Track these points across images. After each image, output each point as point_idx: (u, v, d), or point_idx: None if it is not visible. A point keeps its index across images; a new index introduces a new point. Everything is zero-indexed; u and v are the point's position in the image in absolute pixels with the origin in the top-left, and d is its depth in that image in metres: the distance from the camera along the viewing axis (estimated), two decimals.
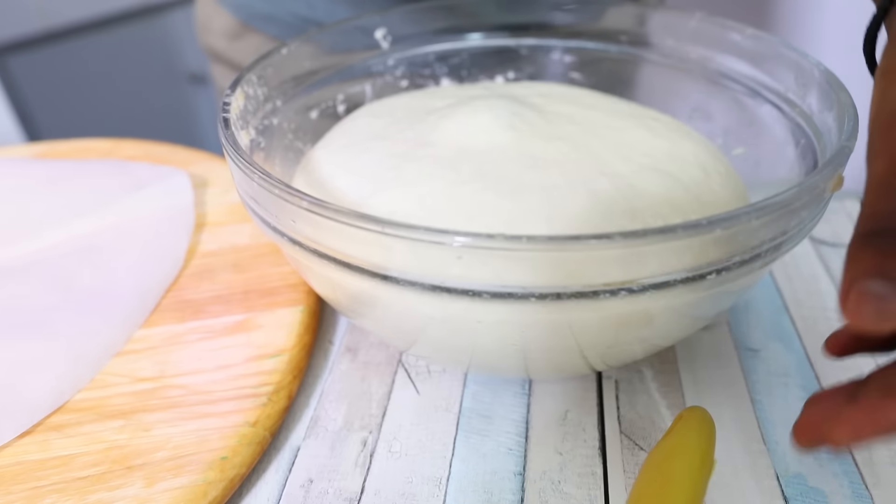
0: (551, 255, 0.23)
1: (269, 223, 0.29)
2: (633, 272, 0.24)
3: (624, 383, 0.36)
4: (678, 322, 0.29)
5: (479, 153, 0.34)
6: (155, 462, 0.30)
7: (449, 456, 0.32)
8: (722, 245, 0.25)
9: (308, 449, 0.33)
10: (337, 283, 0.30)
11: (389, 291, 0.27)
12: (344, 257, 0.27)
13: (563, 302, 0.25)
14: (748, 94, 0.41)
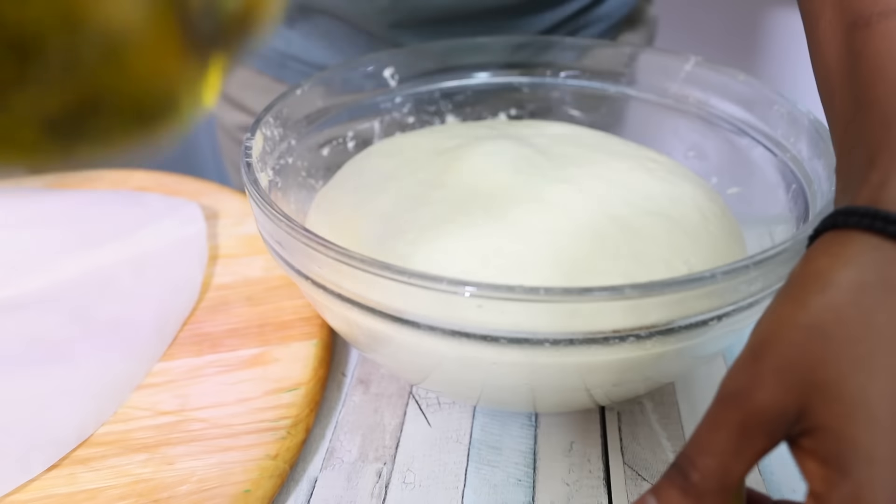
0: (566, 307, 0.25)
1: (293, 266, 0.31)
2: (640, 320, 0.26)
3: (626, 415, 0.37)
4: (681, 362, 0.31)
5: (490, 196, 0.36)
6: (180, 496, 0.31)
7: (461, 487, 0.34)
8: (724, 294, 0.26)
9: (325, 480, 0.34)
10: (355, 323, 0.31)
11: (407, 333, 0.28)
12: (365, 301, 0.28)
13: (574, 347, 0.26)
14: (741, 135, 0.43)
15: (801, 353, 0.20)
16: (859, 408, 0.19)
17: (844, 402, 0.19)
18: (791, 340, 0.20)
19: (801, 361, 0.20)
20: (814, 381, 0.20)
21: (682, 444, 0.35)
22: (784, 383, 0.20)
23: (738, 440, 0.20)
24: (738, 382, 0.21)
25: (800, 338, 0.20)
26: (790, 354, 0.20)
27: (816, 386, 0.19)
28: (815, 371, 0.20)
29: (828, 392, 0.19)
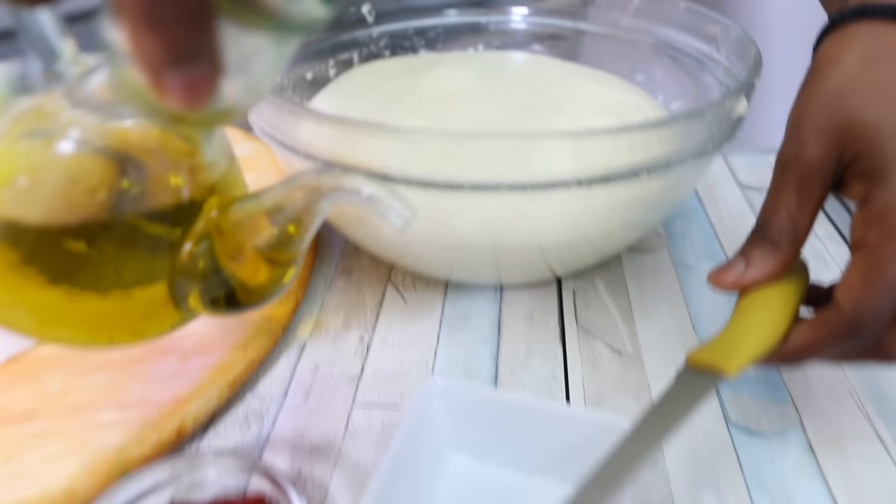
0: (518, 150, 0.30)
1: (285, 143, 0.35)
2: (582, 167, 0.31)
3: (580, 291, 0.42)
4: (622, 222, 0.36)
5: (457, 97, 0.41)
6: (186, 347, 0.35)
7: (434, 346, 0.38)
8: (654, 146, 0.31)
9: (313, 344, 0.39)
10: None
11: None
12: (354, 163, 0.33)
13: (527, 192, 0.31)
14: (686, 57, 0.48)
15: (830, 113, 0.26)
16: (882, 130, 0.24)
17: (871, 130, 0.25)
18: (820, 107, 0.26)
19: (831, 119, 0.26)
20: (844, 128, 0.25)
21: (629, 313, 0.40)
22: (823, 139, 0.26)
23: (799, 194, 0.26)
24: (787, 152, 0.27)
25: (826, 103, 0.26)
26: (822, 118, 0.26)
27: (847, 131, 0.25)
28: (843, 121, 0.25)
29: (857, 131, 0.25)
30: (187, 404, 0.32)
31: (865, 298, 0.25)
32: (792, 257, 0.28)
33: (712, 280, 0.29)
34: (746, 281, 0.28)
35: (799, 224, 0.27)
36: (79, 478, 0.29)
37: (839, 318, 0.26)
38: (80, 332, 0.26)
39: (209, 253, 0.25)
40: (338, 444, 0.33)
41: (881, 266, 0.24)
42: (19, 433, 0.31)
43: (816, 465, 0.32)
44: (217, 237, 0.25)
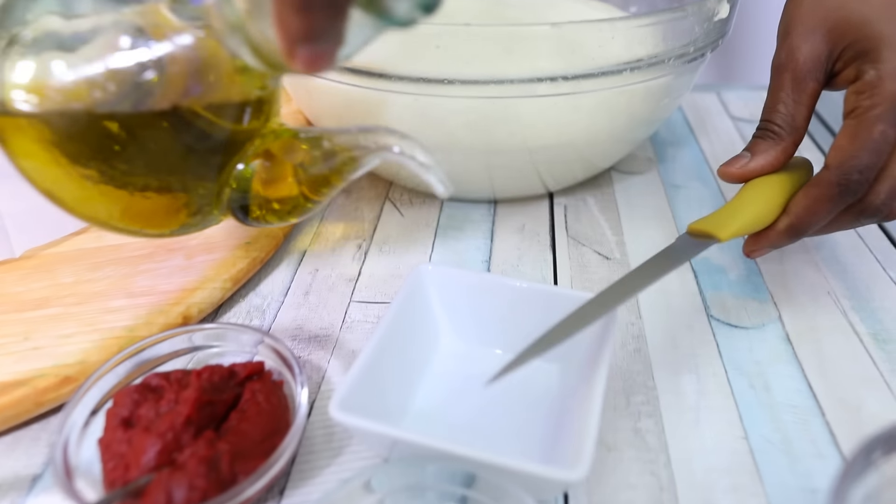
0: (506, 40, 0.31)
1: None
2: (566, 64, 0.32)
3: (571, 207, 0.44)
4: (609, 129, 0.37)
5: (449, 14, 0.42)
6: (191, 246, 0.37)
7: (429, 252, 0.40)
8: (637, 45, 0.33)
9: (313, 252, 0.40)
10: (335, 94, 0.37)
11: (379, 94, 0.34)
12: (347, 63, 0.34)
13: (514, 86, 0.33)
14: None
15: (816, 14, 0.29)
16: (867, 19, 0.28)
17: (857, 22, 0.28)
18: (806, 12, 0.30)
19: (818, 19, 0.29)
20: (831, 25, 0.29)
21: (619, 226, 0.42)
22: (812, 38, 0.29)
23: (794, 90, 0.30)
24: (780, 57, 0.30)
25: (811, 7, 0.29)
26: (809, 20, 0.29)
27: (834, 27, 0.29)
28: (830, 19, 0.29)
29: (844, 25, 0.28)
30: (192, 294, 0.34)
31: (851, 155, 0.28)
32: (791, 147, 0.31)
33: (721, 173, 0.32)
34: (751, 168, 0.31)
35: (796, 116, 0.30)
36: (91, 352, 0.30)
37: (828, 175, 0.28)
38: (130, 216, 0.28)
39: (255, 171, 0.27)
40: (335, 335, 0.34)
41: (868, 126, 0.27)
42: (35, 316, 0.32)
43: (793, 352, 0.33)
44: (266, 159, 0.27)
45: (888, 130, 0.27)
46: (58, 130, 0.24)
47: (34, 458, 0.29)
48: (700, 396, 0.31)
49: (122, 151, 0.25)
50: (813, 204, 0.29)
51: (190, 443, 0.25)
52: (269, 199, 0.28)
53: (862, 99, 0.28)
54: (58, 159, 0.25)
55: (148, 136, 0.25)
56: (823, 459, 0.28)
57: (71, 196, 0.27)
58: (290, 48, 0.19)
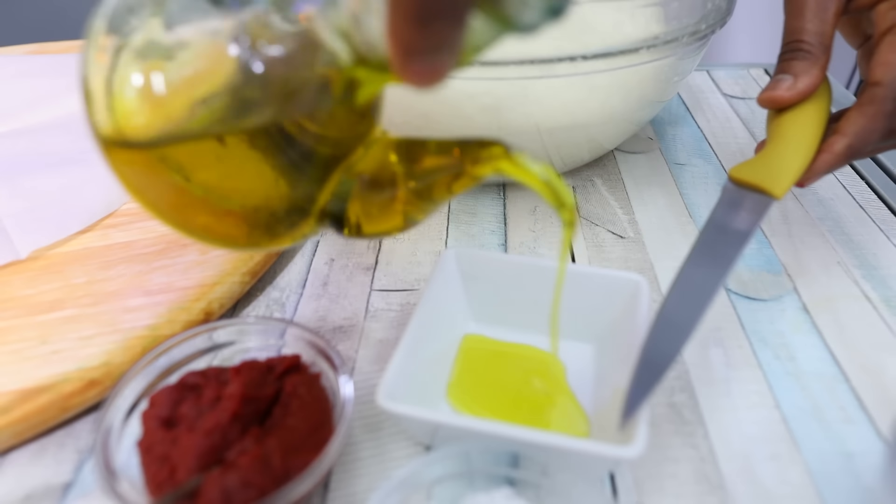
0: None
1: None
2: (582, 44, 0.32)
3: (580, 188, 0.44)
4: (621, 108, 0.37)
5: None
6: None
7: (444, 238, 0.40)
8: (652, 23, 0.33)
9: (326, 241, 0.40)
10: None
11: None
12: None
13: (533, 66, 0.32)
14: None
15: None
16: None
17: None
18: None
19: None
20: None
21: (628, 204, 0.42)
22: None
23: (819, 9, 0.29)
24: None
25: None
26: None
27: None
28: None
29: None
30: (212, 289, 0.33)
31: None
32: (826, 65, 0.30)
33: (764, 101, 0.31)
34: (800, 90, 0.30)
35: (825, 34, 0.29)
36: (115, 353, 0.29)
37: (882, 91, 0.28)
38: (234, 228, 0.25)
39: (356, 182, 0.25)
40: (359, 324, 0.34)
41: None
42: (50, 319, 0.31)
43: (812, 322, 0.34)
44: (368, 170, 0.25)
45: None
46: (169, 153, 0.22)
47: (63, 464, 0.28)
48: (729, 369, 0.31)
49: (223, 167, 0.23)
50: (870, 122, 0.29)
51: (237, 440, 0.24)
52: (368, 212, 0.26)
53: (889, 13, 0.28)
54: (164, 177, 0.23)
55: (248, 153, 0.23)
56: (854, 424, 0.29)
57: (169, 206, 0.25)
58: (404, 61, 0.17)
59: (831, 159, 0.29)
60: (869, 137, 0.29)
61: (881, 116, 0.28)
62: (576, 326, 0.31)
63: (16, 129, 0.46)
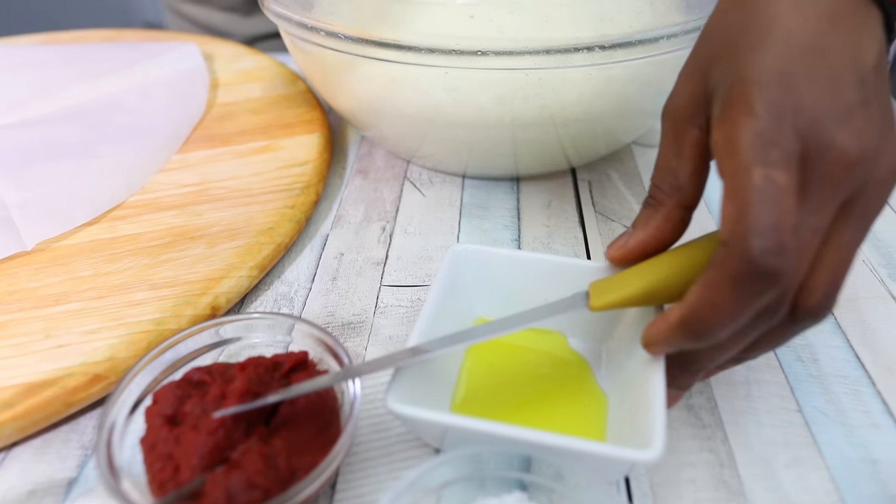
0: (542, 8, 0.30)
1: (307, 24, 0.34)
2: (601, 34, 0.31)
3: (595, 182, 0.43)
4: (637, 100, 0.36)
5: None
6: (212, 233, 0.35)
7: (456, 232, 0.39)
8: (672, 13, 0.31)
9: (336, 235, 0.39)
10: (365, 78, 0.35)
11: (410, 69, 0.33)
12: (378, 36, 0.32)
13: (550, 57, 0.31)
14: None
15: (701, 50, 0.24)
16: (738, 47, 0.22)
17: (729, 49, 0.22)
18: (694, 51, 0.24)
19: (702, 54, 0.23)
20: (706, 61, 0.23)
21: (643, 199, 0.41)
22: (691, 79, 0.23)
23: (674, 140, 0.24)
24: (666, 104, 0.25)
25: (699, 43, 0.24)
26: (694, 59, 0.24)
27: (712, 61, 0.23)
28: (706, 55, 0.23)
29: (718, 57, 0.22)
30: (218, 283, 0.32)
31: (741, 217, 0.20)
32: (677, 211, 0.24)
33: (606, 256, 0.27)
34: (630, 247, 0.25)
35: (678, 172, 0.24)
36: (120, 347, 0.29)
37: (724, 253, 0.20)
38: None
39: None
40: (369, 320, 0.33)
41: (743, 176, 0.20)
42: (54, 313, 0.31)
43: (836, 322, 0.33)
44: None
45: (772, 172, 0.19)
46: None
47: (67, 460, 0.27)
48: (749, 371, 0.30)
49: None
50: (711, 293, 0.21)
51: (242, 440, 0.23)
52: None
53: (722, 154, 0.21)
54: None
55: None
56: (880, 429, 0.28)
57: None
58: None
59: (665, 329, 0.23)
60: (712, 314, 0.21)
61: (727, 287, 0.20)
62: (580, 322, 0.30)
63: (24, 119, 0.45)
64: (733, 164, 0.20)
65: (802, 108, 0.20)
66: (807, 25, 0.21)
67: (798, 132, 0.20)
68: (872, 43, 0.22)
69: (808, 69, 0.21)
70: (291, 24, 0.36)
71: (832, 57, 0.21)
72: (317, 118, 0.45)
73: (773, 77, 0.20)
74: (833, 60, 0.21)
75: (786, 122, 0.20)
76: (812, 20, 0.21)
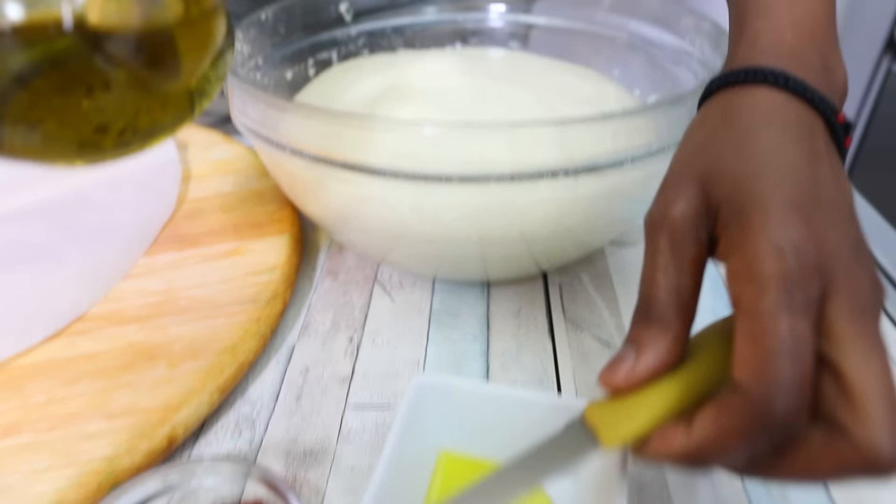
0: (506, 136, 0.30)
1: (273, 140, 0.34)
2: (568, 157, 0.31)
3: (566, 285, 0.43)
4: (607, 213, 0.36)
5: (441, 92, 0.41)
6: (174, 352, 0.35)
7: (424, 343, 0.38)
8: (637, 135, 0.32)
9: (302, 346, 0.38)
10: (331, 192, 0.35)
11: (376, 188, 0.33)
12: (340, 159, 0.32)
13: (514, 184, 0.31)
14: (660, 52, 0.49)
15: (692, 166, 0.23)
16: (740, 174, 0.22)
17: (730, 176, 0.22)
18: (683, 163, 0.24)
19: (693, 171, 0.23)
20: (706, 178, 0.23)
21: (616, 306, 0.41)
22: (688, 191, 0.23)
23: (673, 254, 0.22)
24: (654, 213, 0.23)
25: (688, 158, 0.24)
26: (685, 172, 0.23)
27: (709, 179, 0.22)
28: (704, 172, 0.23)
29: (718, 178, 0.22)
30: (177, 411, 0.31)
31: (764, 369, 0.19)
32: (684, 331, 0.23)
33: (603, 381, 0.23)
34: (639, 374, 0.23)
35: (682, 290, 0.22)
36: (67, 491, 0.28)
37: (742, 400, 0.19)
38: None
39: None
40: (332, 448, 0.32)
41: (767, 325, 0.19)
42: (3, 447, 0.30)
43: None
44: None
45: (798, 323, 0.19)
46: None
47: None
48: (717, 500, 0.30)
49: None
50: (722, 436, 0.20)
51: None
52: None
53: (742, 286, 0.20)
54: None
55: None
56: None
57: None
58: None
59: (660, 453, 0.22)
60: (718, 454, 0.21)
61: (738, 435, 0.20)
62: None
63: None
64: (756, 304, 0.20)
65: (822, 246, 0.20)
66: (802, 157, 0.22)
67: (819, 272, 0.20)
68: (846, 180, 0.23)
69: (816, 202, 0.21)
70: (258, 138, 0.36)
71: (830, 191, 0.22)
72: (287, 216, 0.45)
73: (791, 208, 0.20)
74: (831, 195, 0.22)
75: (809, 262, 0.20)
76: (804, 152, 0.22)
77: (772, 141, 0.23)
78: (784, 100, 0.24)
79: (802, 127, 0.23)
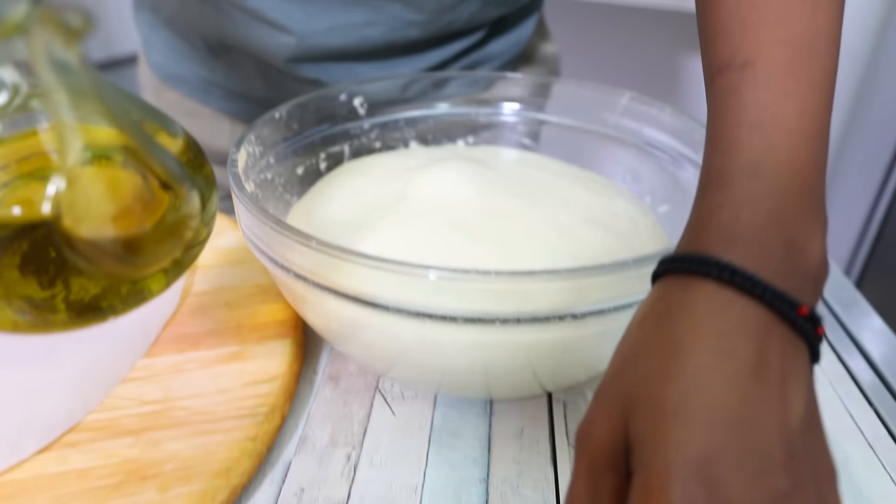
0: (512, 287, 0.29)
1: (278, 262, 0.34)
2: (575, 302, 0.31)
3: (571, 404, 0.42)
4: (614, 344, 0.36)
5: (449, 206, 0.40)
6: (166, 472, 0.34)
7: (423, 466, 0.37)
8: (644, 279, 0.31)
9: (299, 463, 0.37)
10: (332, 313, 0.35)
11: (377, 318, 0.32)
12: (343, 289, 0.32)
13: (521, 325, 0.31)
14: (671, 161, 0.49)
15: (622, 381, 0.22)
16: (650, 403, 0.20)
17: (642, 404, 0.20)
18: (611, 375, 0.22)
19: (622, 388, 0.21)
20: (629, 404, 0.21)
21: None
22: (608, 413, 0.21)
23: (592, 484, 0.21)
24: (582, 429, 0.22)
25: (615, 370, 0.22)
26: (614, 388, 0.22)
27: (630, 408, 0.21)
28: (632, 392, 0.21)
29: (640, 415, 0.20)
30: None
31: None
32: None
33: None
34: None
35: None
36: None
37: None
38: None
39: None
40: None
41: None
42: None
43: None
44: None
45: None
46: None
47: None
48: None
49: None
50: None
51: None
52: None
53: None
54: None
55: None
56: None
57: None
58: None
59: None
60: None
61: None
62: None
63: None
64: None
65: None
66: (732, 388, 0.20)
67: None
68: (799, 391, 0.20)
69: (733, 452, 0.19)
70: (263, 255, 0.35)
71: (759, 427, 0.19)
72: (290, 318, 0.44)
73: (694, 468, 0.18)
74: (760, 431, 0.19)
75: None
76: (737, 378, 0.20)
77: (700, 364, 0.20)
78: (729, 298, 0.21)
79: (748, 333, 0.20)
